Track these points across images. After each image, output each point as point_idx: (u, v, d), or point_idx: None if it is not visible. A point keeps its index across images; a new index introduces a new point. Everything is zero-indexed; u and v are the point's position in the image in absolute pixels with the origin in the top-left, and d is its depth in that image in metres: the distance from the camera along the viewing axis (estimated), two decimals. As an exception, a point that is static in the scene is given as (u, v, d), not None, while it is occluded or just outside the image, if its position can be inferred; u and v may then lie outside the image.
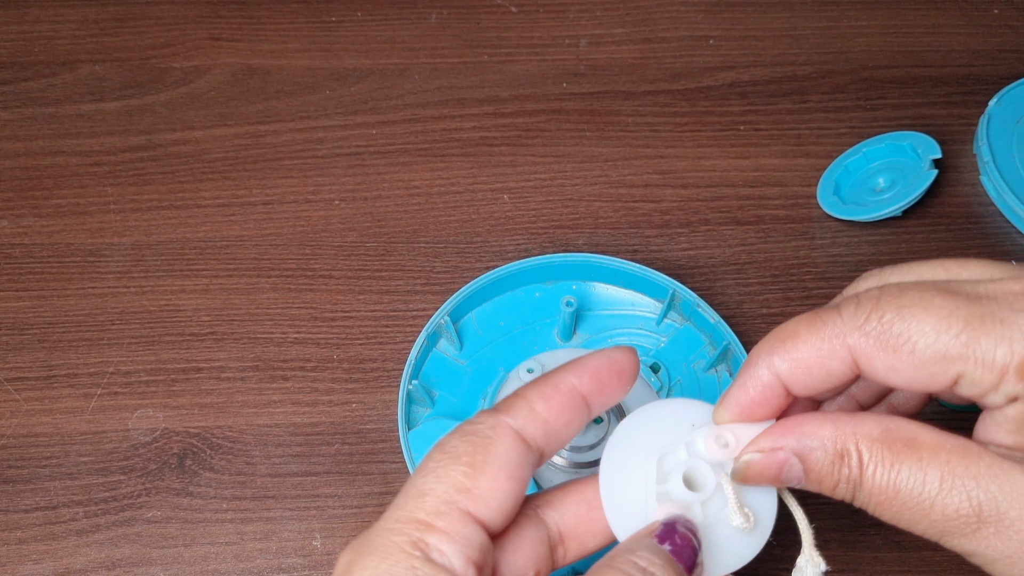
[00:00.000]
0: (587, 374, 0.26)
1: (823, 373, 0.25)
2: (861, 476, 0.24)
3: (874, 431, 0.24)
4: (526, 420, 0.25)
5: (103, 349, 0.46)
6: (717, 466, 0.26)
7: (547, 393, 0.25)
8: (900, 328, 0.23)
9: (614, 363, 0.26)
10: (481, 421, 0.25)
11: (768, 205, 0.52)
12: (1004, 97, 0.54)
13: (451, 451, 0.24)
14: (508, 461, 0.24)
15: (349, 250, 0.50)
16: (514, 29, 0.60)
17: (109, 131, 0.54)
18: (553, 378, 0.26)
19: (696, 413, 0.27)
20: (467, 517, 0.23)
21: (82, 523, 0.41)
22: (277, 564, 0.41)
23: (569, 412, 0.25)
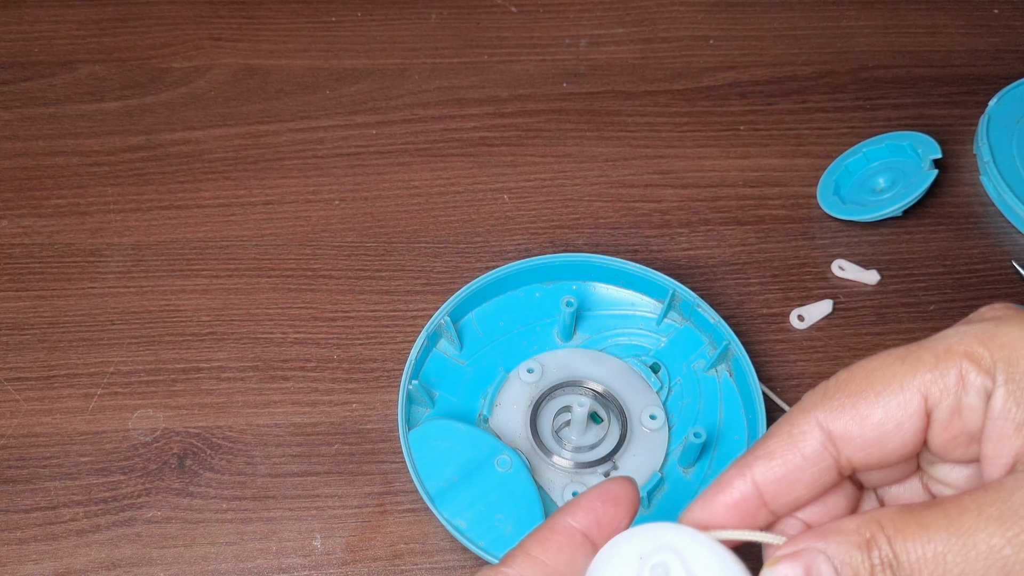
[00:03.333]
0: (581, 510, 0.25)
1: (796, 459, 0.24)
2: (894, 553, 0.22)
3: (892, 511, 0.23)
4: (523, 567, 0.24)
5: (103, 349, 0.46)
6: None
7: (543, 536, 0.25)
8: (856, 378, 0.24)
9: (607, 493, 0.26)
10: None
11: (768, 205, 0.52)
12: (1004, 97, 0.54)
13: None
14: None
15: (349, 250, 0.50)
16: (514, 29, 0.60)
17: (109, 131, 0.54)
18: (549, 521, 0.26)
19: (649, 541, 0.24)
20: None
21: (82, 523, 0.41)
22: (277, 564, 0.41)
23: (568, 551, 0.25)
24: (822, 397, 0.24)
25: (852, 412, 0.24)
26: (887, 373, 0.23)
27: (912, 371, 0.23)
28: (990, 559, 0.21)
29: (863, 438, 0.24)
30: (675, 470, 0.43)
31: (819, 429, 0.24)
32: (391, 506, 0.42)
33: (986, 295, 0.49)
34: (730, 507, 0.25)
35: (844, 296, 0.49)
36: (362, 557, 0.41)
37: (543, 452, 0.42)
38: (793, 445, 0.24)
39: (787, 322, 0.48)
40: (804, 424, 0.24)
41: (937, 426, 0.23)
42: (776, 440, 0.24)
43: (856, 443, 0.24)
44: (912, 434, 0.23)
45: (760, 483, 0.25)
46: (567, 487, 0.42)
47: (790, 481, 0.24)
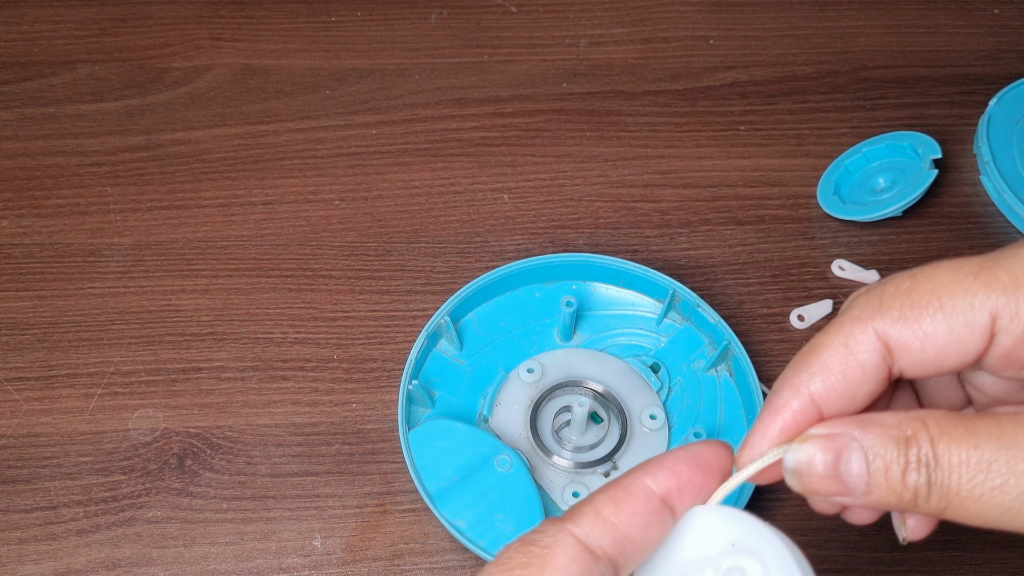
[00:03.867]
0: (663, 472, 0.23)
1: (856, 373, 0.23)
2: (935, 454, 0.21)
3: (940, 414, 0.21)
4: (591, 527, 0.22)
5: (103, 349, 0.46)
6: None
7: (617, 496, 0.22)
8: (920, 288, 0.22)
9: (697, 458, 0.23)
10: (543, 531, 0.22)
11: (768, 205, 0.52)
12: (1004, 97, 0.54)
13: (505, 562, 0.21)
14: (569, 571, 0.21)
15: (349, 250, 0.50)
16: (514, 29, 0.60)
17: (109, 131, 0.54)
18: (625, 479, 0.23)
19: (740, 530, 0.23)
20: None
21: (82, 523, 0.41)
22: (277, 564, 0.41)
23: (643, 515, 0.22)
24: (879, 305, 0.23)
25: (914, 325, 0.22)
26: (957, 288, 0.22)
27: (986, 290, 0.22)
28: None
29: (923, 354, 0.22)
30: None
31: (877, 339, 0.22)
32: (391, 506, 0.42)
33: (986, 295, 0.49)
34: (791, 429, 0.23)
35: (844, 296, 0.49)
36: (362, 557, 0.41)
37: (543, 452, 0.42)
38: (851, 357, 0.23)
39: (787, 322, 0.48)
40: (861, 334, 0.22)
41: (997, 349, 0.22)
42: (831, 352, 0.23)
43: (914, 357, 0.22)
44: (974, 353, 0.22)
45: (819, 399, 0.23)
46: (567, 487, 0.42)
47: (851, 396, 0.23)
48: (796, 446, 0.23)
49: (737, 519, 0.23)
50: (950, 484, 0.21)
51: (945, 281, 0.22)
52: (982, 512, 0.21)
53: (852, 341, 0.22)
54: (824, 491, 0.22)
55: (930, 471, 0.21)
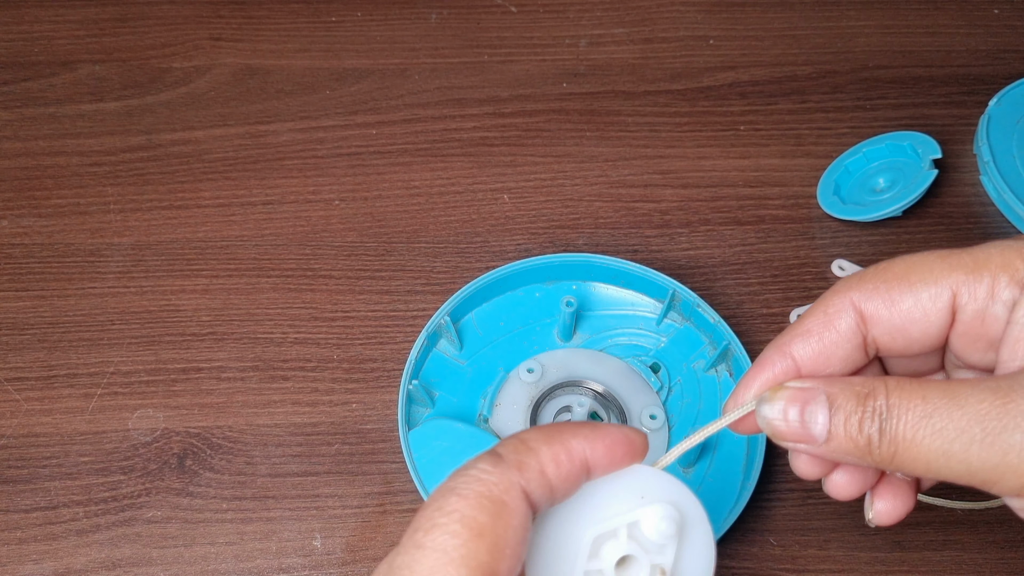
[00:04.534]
0: (603, 447, 0.24)
1: (832, 335, 0.25)
2: (887, 405, 0.23)
3: (900, 378, 0.24)
4: (537, 484, 0.23)
5: (103, 349, 0.46)
6: (658, 549, 0.24)
7: (560, 459, 0.23)
8: (895, 268, 0.25)
9: (631, 443, 0.25)
10: (496, 482, 0.22)
11: (768, 205, 0.52)
12: (1004, 97, 0.54)
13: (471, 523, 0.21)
14: (523, 532, 0.22)
15: (349, 250, 0.50)
16: (514, 29, 0.60)
17: (109, 131, 0.54)
18: (569, 443, 0.24)
19: (648, 484, 0.24)
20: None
21: (82, 523, 0.41)
22: (277, 564, 0.41)
23: (575, 482, 0.24)
24: (858, 280, 0.26)
25: (885, 296, 0.25)
26: (924, 267, 0.25)
27: (948, 270, 0.24)
28: (974, 416, 0.22)
29: (890, 322, 0.25)
30: (675, 470, 0.43)
31: (852, 308, 0.25)
32: (391, 506, 0.42)
33: (986, 295, 0.49)
34: (771, 382, 0.26)
35: (844, 296, 0.49)
36: (362, 557, 0.41)
37: (543, 452, 0.42)
38: (829, 322, 0.26)
39: (787, 322, 0.48)
40: (839, 303, 0.26)
41: (960, 327, 0.25)
42: (812, 319, 0.26)
43: (883, 326, 0.25)
44: (936, 327, 0.25)
45: (798, 359, 0.26)
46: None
47: (826, 356, 0.26)
48: (769, 395, 0.25)
49: (648, 475, 0.25)
50: (897, 430, 0.23)
51: (916, 263, 0.25)
52: (923, 455, 0.23)
53: (831, 309, 0.26)
54: (790, 437, 0.25)
55: (882, 420, 0.23)
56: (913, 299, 0.25)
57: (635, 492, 0.24)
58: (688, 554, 0.25)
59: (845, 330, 0.26)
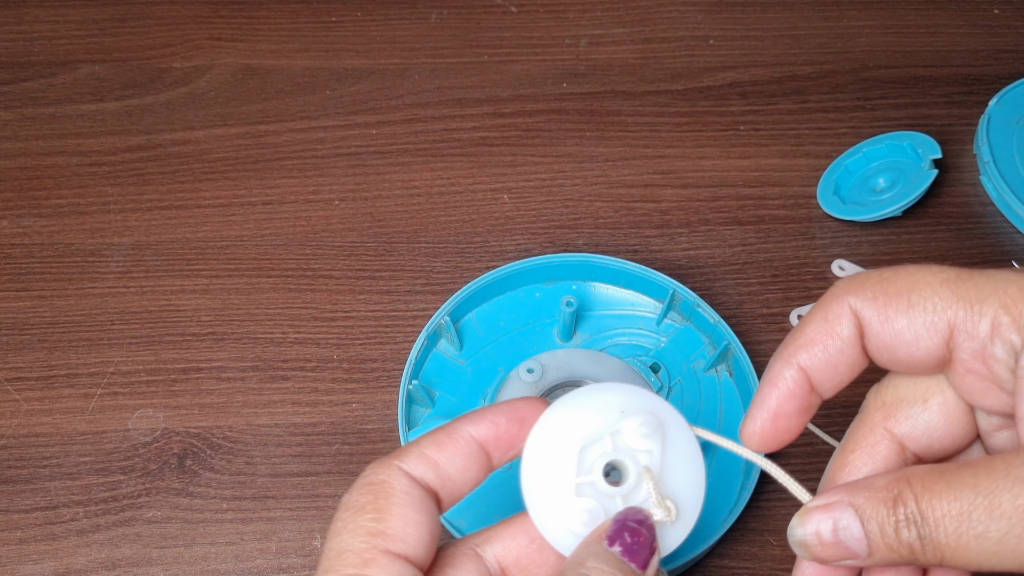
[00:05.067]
0: (484, 422, 0.26)
1: (836, 343, 0.25)
2: (920, 511, 0.22)
3: (922, 469, 0.23)
4: (416, 462, 0.25)
5: (103, 349, 0.46)
6: (644, 454, 0.26)
7: (439, 440, 0.26)
8: (898, 280, 0.24)
9: (514, 411, 0.26)
10: (374, 471, 0.25)
11: (768, 205, 0.52)
12: (1004, 97, 0.54)
13: (354, 505, 0.24)
14: (410, 497, 0.24)
15: (349, 250, 0.50)
16: (514, 29, 0.60)
17: (109, 131, 0.54)
18: (449, 425, 0.26)
19: (625, 399, 0.26)
20: (391, 556, 0.23)
21: (82, 523, 0.41)
22: (277, 564, 0.41)
23: (463, 458, 0.25)
24: (859, 284, 0.25)
25: (881, 310, 0.24)
26: (928, 290, 0.24)
27: (951, 299, 0.24)
28: (1014, 518, 0.21)
29: (881, 337, 0.24)
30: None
31: (850, 312, 0.25)
32: (391, 506, 0.42)
33: (986, 295, 0.49)
34: (787, 397, 0.25)
35: (844, 296, 0.49)
36: (362, 557, 0.41)
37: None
38: (830, 330, 0.25)
39: (787, 322, 0.48)
40: (837, 308, 0.25)
41: (959, 366, 0.24)
42: (813, 327, 0.25)
43: (874, 339, 0.25)
44: (925, 354, 0.24)
45: (807, 369, 0.25)
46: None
47: (832, 365, 0.25)
48: (798, 520, 0.24)
49: (626, 391, 0.26)
50: (938, 537, 0.22)
51: (920, 281, 0.24)
52: (974, 559, 0.22)
53: (831, 315, 0.25)
54: (832, 557, 0.24)
55: (919, 527, 0.22)
56: (907, 321, 0.24)
57: (614, 408, 0.26)
58: (674, 457, 0.26)
59: (847, 336, 0.25)
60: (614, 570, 0.23)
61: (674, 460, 0.26)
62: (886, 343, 0.24)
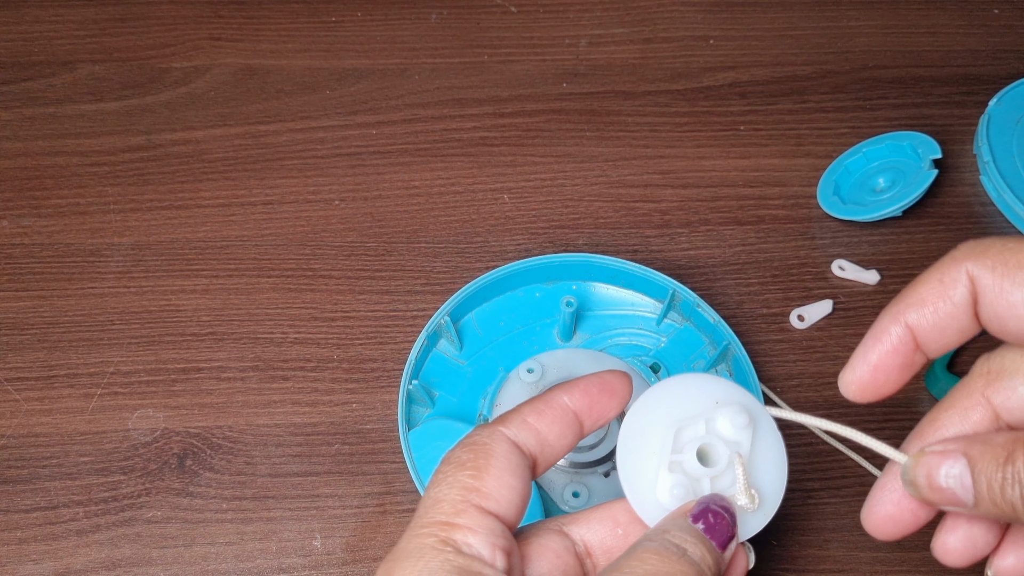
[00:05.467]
0: (578, 392, 0.28)
1: (947, 306, 0.25)
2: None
3: None
4: (518, 428, 0.27)
5: (103, 349, 0.46)
6: (733, 444, 0.27)
7: (539, 408, 0.27)
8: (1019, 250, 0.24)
9: (605, 383, 0.28)
10: (478, 432, 0.27)
11: (768, 205, 0.52)
12: (1004, 97, 0.54)
13: (455, 460, 0.26)
14: (508, 461, 0.26)
15: (349, 250, 0.50)
16: (514, 29, 0.60)
17: (109, 131, 0.54)
18: (546, 395, 0.28)
19: (721, 390, 0.28)
20: (482, 511, 0.25)
21: (82, 523, 0.41)
22: (277, 564, 0.41)
23: (560, 425, 0.27)
24: (980, 251, 0.25)
25: (998, 279, 0.24)
26: None
27: None
28: None
29: (994, 306, 0.24)
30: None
31: (967, 278, 0.25)
32: (391, 506, 0.42)
33: (986, 295, 0.49)
34: (889, 352, 0.26)
35: (844, 296, 0.49)
36: (362, 557, 0.41)
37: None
38: (944, 292, 0.25)
39: (787, 322, 0.48)
40: (954, 271, 0.25)
41: None
42: (926, 287, 0.25)
43: (986, 307, 0.25)
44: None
45: (914, 328, 0.26)
46: (567, 487, 0.42)
47: (941, 327, 0.25)
48: (911, 460, 0.25)
49: (722, 383, 0.28)
50: None
51: None
52: None
53: (946, 277, 0.25)
54: (939, 500, 0.25)
55: (1023, 487, 0.23)
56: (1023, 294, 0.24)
57: (710, 397, 0.27)
58: (760, 448, 0.27)
59: (960, 301, 0.25)
60: (696, 540, 0.25)
61: (761, 452, 0.27)
62: (998, 313, 0.24)
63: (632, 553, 0.24)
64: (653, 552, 0.24)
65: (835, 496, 0.42)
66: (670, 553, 0.24)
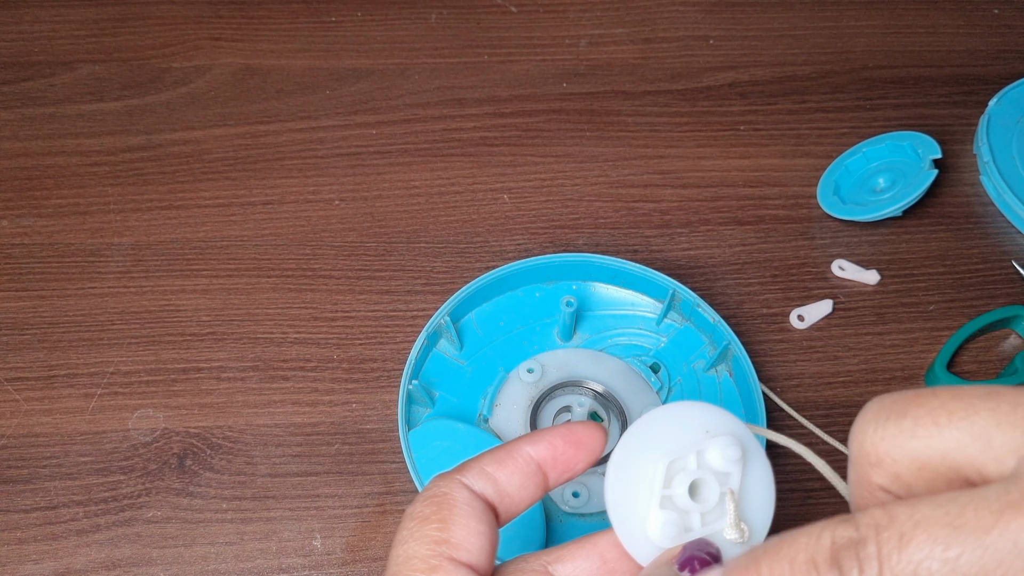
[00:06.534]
0: (543, 443, 0.27)
1: None
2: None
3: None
4: (476, 477, 0.26)
5: (103, 349, 0.46)
6: (723, 476, 0.27)
7: (500, 457, 0.27)
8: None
9: (572, 435, 0.27)
10: (436, 484, 0.26)
11: (768, 205, 0.52)
12: (1004, 97, 0.54)
13: (419, 515, 0.25)
14: (471, 508, 0.25)
15: (349, 250, 0.50)
16: (514, 29, 0.60)
17: (109, 131, 0.54)
18: (509, 444, 0.27)
19: (712, 419, 0.27)
20: (456, 563, 0.25)
21: (82, 523, 0.41)
22: (277, 564, 0.41)
23: (521, 476, 0.27)
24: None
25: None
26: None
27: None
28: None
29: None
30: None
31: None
32: (391, 506, 0.42)
33: (986, 295, 0.49)
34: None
35: (844, 296, 0.49)
36: (362, 557, 0.41)
37: (543, 452, 0.42)
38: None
39: (787, 322, 0.48)
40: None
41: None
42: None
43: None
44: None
45: None
46: (567, 487, 0.42)
47: None
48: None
49: (710, 411, 0.27)
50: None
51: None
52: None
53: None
54: None
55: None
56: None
57: (700, 427, 0.27)
58: (750, 480, 0.27)
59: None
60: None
61: (750, 483, 0.27)
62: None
63: None
64: None
65: (835, 496, 0.42)
66: None
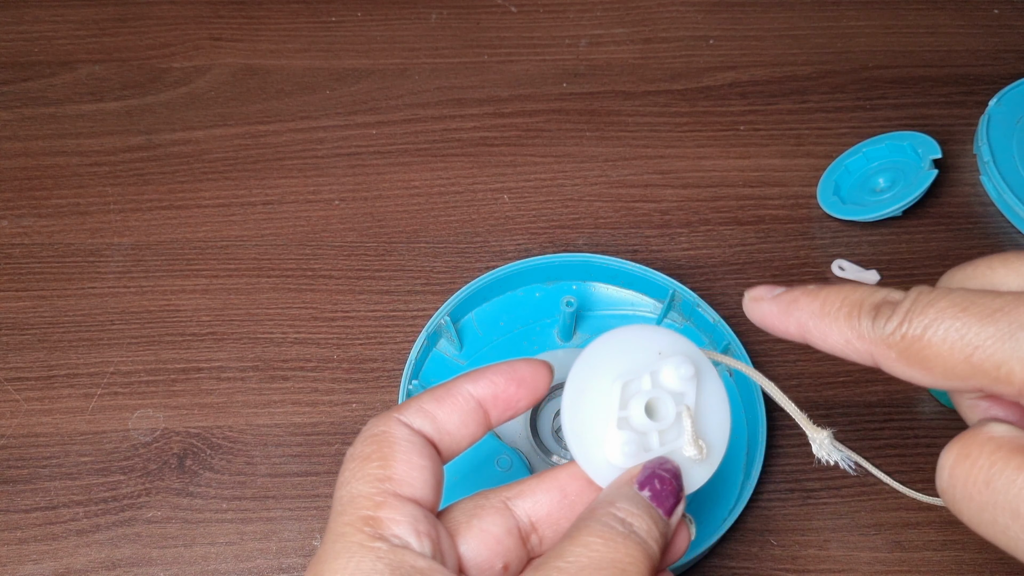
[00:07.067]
0: (483, 381, 0.27)
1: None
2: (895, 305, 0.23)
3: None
4: (414, 415, 0.26)
5: (103, 349, 0.46)
6: (679, 396, 0.27)
7: (439, 395, 0.27)
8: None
9: (514, 372, 0.27)
10: (374, 424, 0.26)
11: (768, 205, 0.52)
12: (1004, 97, 0.54)
13: (359, 456, 0.25)
14: (411, 444, 0.25)
15: (349, 250, 0.50)
16: (514, 29, 0.60)
17: (109, 131, 0.54)
18: (449, 383, 0.27)
19: (663, 340, 0.27)
20: (401, 499, 0.24)
21: (82, 523, 0.41)
22: (277, 564, 0.41)
23: (460, 414, 0.26)
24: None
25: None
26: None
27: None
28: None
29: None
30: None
31: None
32: (391, 506, 0.42)
33: (986, 295, 0.49)
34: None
35: (844, 296, 0.49)
36: (362, 557, 0.41)
37: (543, 452, 0.42)
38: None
39: (787, 322, 0.48)
40: None
41: None
42: None
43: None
44: None
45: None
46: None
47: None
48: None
49: (663, 333, 0.27)
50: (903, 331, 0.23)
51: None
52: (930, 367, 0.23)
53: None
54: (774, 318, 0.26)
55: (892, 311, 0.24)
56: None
57: (652, 348, 0.27)
58: (705, 398, 0.27)
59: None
60: (642, 512, 0.25)
61: (706, 402, 0.27)
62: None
63: (576, 536, 0.24)
64: (597, 535, 0.24)
65: (835, 496, 0.42)
66: (615, 534, 0.24)
